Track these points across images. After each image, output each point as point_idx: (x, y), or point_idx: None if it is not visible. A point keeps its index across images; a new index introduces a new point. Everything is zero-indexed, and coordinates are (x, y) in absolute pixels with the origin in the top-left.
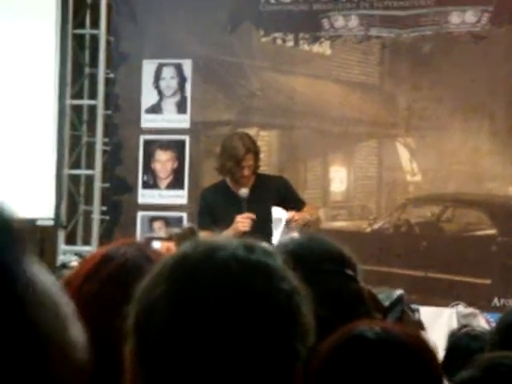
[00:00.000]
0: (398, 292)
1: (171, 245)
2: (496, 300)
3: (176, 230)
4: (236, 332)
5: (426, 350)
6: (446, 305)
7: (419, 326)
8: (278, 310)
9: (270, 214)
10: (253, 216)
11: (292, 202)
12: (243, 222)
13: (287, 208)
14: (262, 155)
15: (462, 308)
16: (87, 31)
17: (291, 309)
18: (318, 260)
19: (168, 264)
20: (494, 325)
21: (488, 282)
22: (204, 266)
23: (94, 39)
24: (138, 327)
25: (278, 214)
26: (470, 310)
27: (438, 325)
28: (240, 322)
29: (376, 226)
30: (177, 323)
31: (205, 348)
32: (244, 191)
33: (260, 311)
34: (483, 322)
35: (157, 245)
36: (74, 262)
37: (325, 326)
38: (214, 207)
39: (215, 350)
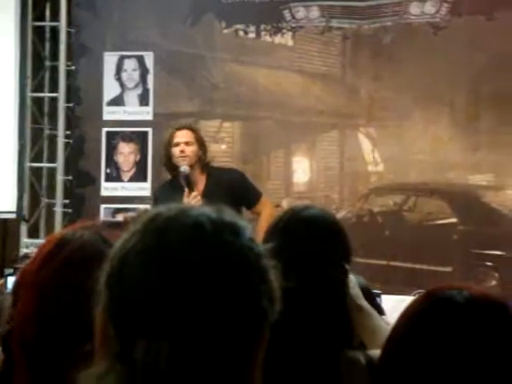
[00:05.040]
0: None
1: None
2: None
3: (132, 214)
4: (206, 285)
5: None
6: (408, 293)
7: (379, 310)
8: (247, 266)
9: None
10: (197, 192)
11: (246, 195)
12: (193, 199)
13: (241, 202)
14: (224, 146)
15: None
16: (47, 23)
17: (260, 268)
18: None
19: (141, 221)
20: None
21: (449, 269)
22: (177, 221)
23: (55, 31)
24: (110, 282)
25: None
26: None
27: (399, 311)
28: (211, 276)
29: (339, 216)
30: (148, 275)
31: (175, 299)
32: (184, 168)
33: (230, 265)
34: None
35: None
36: None
37: (290, 298)
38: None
39: (185, 300)
